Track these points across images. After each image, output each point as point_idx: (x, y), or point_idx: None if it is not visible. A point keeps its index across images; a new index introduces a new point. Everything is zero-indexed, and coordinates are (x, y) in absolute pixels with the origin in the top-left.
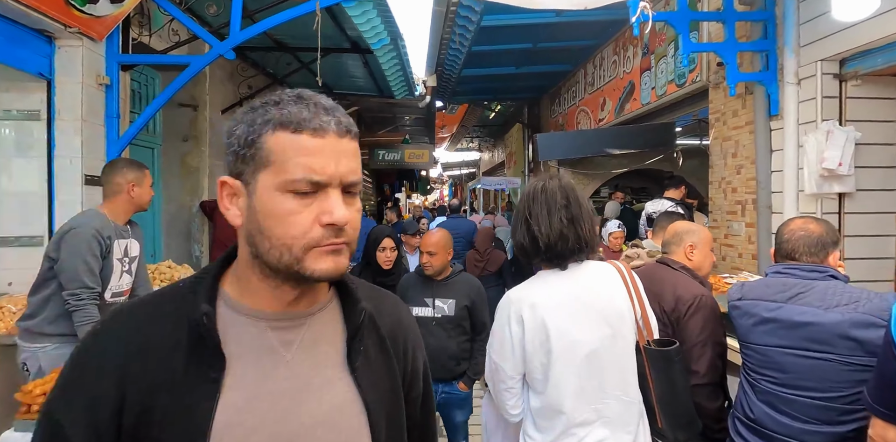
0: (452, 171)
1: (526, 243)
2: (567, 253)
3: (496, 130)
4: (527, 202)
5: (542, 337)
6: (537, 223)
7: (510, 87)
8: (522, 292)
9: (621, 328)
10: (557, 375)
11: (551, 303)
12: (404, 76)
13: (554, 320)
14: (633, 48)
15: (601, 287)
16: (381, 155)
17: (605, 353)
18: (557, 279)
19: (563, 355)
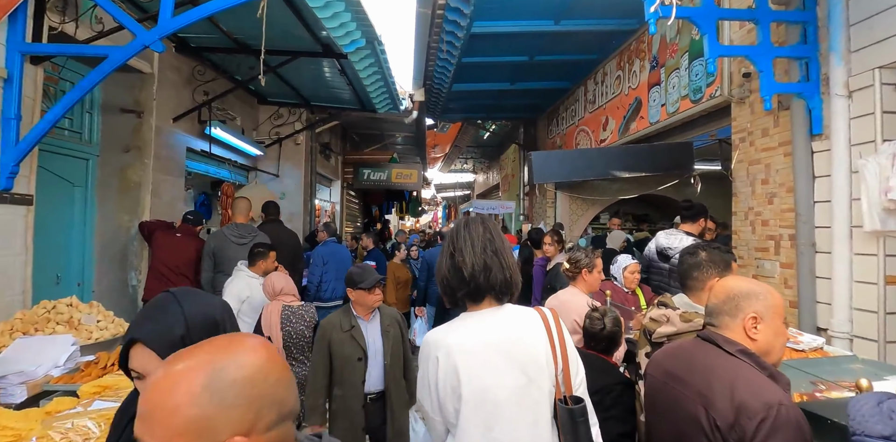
0: (447, 193)
1: (450, 276)
2: (490, 285)
3: (491, 151)
4: (451, 237)
5: (454, 382)
6: (461, 254)
7: (505, 105)
8: (439, 334)
9: (538, 378)
10: (466, 422)
11: (465, 347)
12: (386, 87)
13: (466, 365)
14: (639, 61)
15: (520, 333)
16: (365, 174)
17: (518, 402)
18: (475, 322)
19: (473, 401)
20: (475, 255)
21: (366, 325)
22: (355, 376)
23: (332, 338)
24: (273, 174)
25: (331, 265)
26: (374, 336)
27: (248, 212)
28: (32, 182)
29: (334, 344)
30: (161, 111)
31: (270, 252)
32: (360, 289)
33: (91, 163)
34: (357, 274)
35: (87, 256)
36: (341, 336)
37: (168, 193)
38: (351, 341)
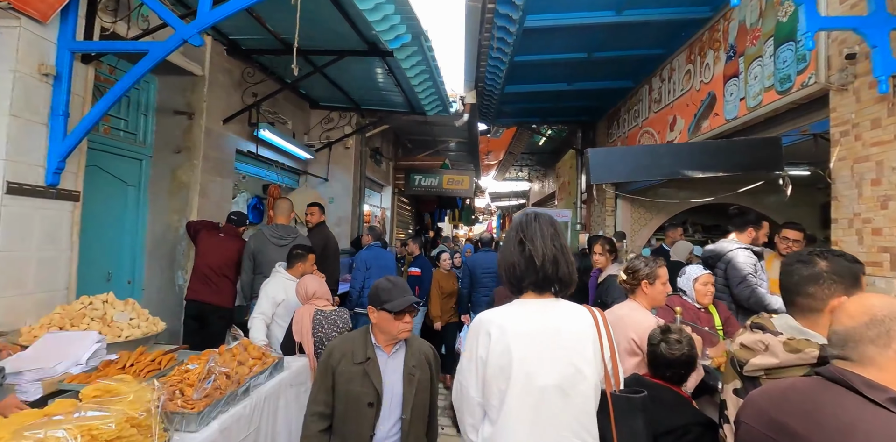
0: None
1: (520, 264)
2: (557, 278)
3: (546, 158)
4: (520, 228)
5: (504, 361)
6: (533, 245)
7: (561, 109)
8: (494, 314)
9: (585, 369)
10: (512, 404)
11: (520, 329)
12: (434, 87)
13: (519, 347)
14: (713, 53)
15: (571, 326)
16: (416, 180)
17: (566, 390)
18: (532, 309)
19: (521, 384)
20: (546, 246)
21: (385, 359)
22: (362, 426)
23: (339, 369)
24: (322, 178)
25: (374, 270)
26: (394, 377)
27: (289, 213)
28: (80, 179)
29: (340, 378)
30: (211, 113)
31: (309, 255)
32: (384, 310)
33: (145, 163)
34: (384, 290)
35: (137, 255)
36: (351, 370)
37: (216, 194)
38: (363, 379)
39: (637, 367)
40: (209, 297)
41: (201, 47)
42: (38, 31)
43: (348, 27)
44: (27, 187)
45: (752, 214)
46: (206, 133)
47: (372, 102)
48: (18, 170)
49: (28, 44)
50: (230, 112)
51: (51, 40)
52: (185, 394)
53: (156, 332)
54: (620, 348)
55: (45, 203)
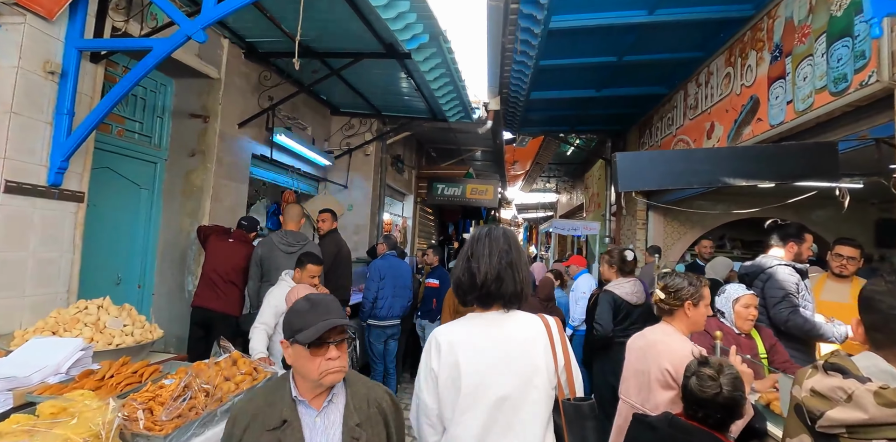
0: (528, 214)
1: (464, 279)
2: (500, 294)
3: (574, 169)
4: (471, 243)
5: (454, 374)
6: (477, 262)
7: (590, 117)
8: (444, 329)
9: (535, 379)
10: (462, 414)
11: (469, 343)
12: (456, 92)
13: (467, 361)
14: (756, 53)
15: (521, 336)
16: (439, 189)
17: (517, 401)
18: (482, 323)
19: (472, 396)
20: (490, 264)
21: (312, 419)
22: None
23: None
24: (341, 185)
25: (388, 281)
26: None
27: (299, 218)
28: (85, 180)
29: None
30: (227, 116)
31: (308, 264)
32: (297, 343)
33: (159, 166)
34: (297, 313)
35: (148, 259)
36: (261, 441)
37: (229, 199)
38: None
39: (673, 402)
40: (215, 304)
41: (218, 50)
42: (44, 28)
43: (363, 27)
44: (27, 187)
45: (792, 227)
46: (220, 137)
47: (393, 109)
48: (18, 168)
49: (33, 41)
50: (246, 116)
51: (57, 38)
52: (154, 413)
53: (151, 340)
54: (651, 378)
55: (47, 203)
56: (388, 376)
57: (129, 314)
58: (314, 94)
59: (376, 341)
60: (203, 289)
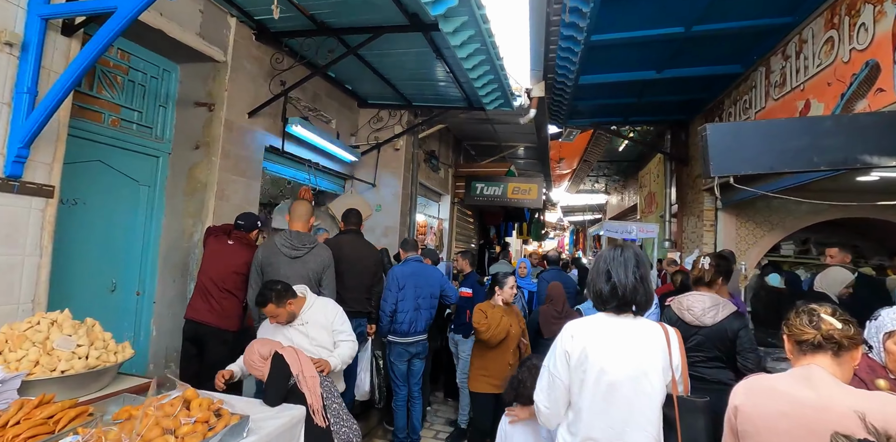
0: (574, 217)
1: (605, 291)
2: (635, 302)
3: (627, 167)
4: (607, 260)
5: (583, 356)
6: (618, 276)
7: (647, 106)
8: (578, 322)
9: (650, 373)
10: (588, 392)
11: (597, 334)
12: (493, 72)
13: (594, 348)
14: (874, 7)
15: (643, 337)
16: (478, 188)
17: (633, 388)
18: (611, 322)
19: (595, 376)
20: (627, 279)
21: None
22: None
23: None
24: (369, 183)
25: (409, 290)
26: None
27: (308, 217)
28: (56, 172)
29: None
30: (235, 105)
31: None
32: None
33: (162, 161)
34: None
35: (149, 263)
36: None
37: (237, 196)
38: None
39: None
40: (207, 316)
41: (224, 30)
42: None
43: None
44: None
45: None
46: (226, 126)
47: (425, 98)
48: None
49: None
50: (257, 103)
51: (17, 4)
52: None
53: (112, 363)
54: None
55: (2, 198)
56: (413, 400)
57: (90, 331)
58: (338, 84)
59: (398, 361)
60: (195, 298)
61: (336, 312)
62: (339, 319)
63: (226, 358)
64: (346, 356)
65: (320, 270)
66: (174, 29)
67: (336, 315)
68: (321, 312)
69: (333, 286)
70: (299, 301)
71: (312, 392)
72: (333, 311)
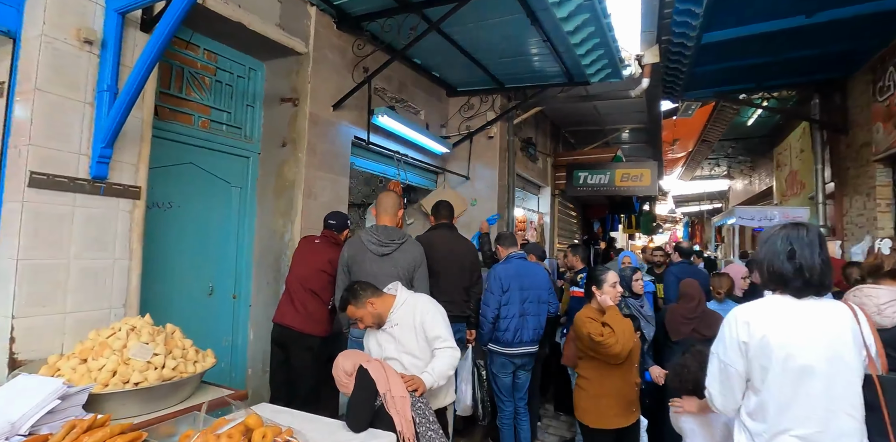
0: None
1: (787, 272)
2: (820, 284)
3: (757, 144)
4: (789, 238)
5: (764, 343)
6: (803, 256)
7: (788, 64)
8: (750, 308)
9: (844, 354)
10: (774, 380)
11: (778, 318)
12: (599, 33)
13: (777, 333)
14: None
15: (829, 317)
16: (581, 177)
17: (826, 371)
18: (787, 302)
19: (782, 364)
20: (814, 259)
21: None
22: None
23: None
24: (462, 176)
25: (513, 294)
26: None
27: (396, 210)
28: (142, 173)
29: None
30: (319, 97)
31: (360, 294)
32: None
33: (252, 161)
34: None
35: (243, 265)
36: None
37: (325, 194)
38: None
39: None
40: (292, 320)
41: (304, 20)
42: None
43: None
44: (61, 179)
45: None
46: (311, 121)
47: (519, 78)
48: (49, 157)
49: (62, 3)
50: (340, 95)
51: (95, 1)
52: None
53: (189, 374)
54: None
55: (88, 200)
56: (519, 417)
57: (169, 338)
58: (425, 72)
59: (501, 373)
60: (282, 301)
61: (426, 311)
62: (431, 319)
63: (310, 366)
64: (442, 370)
65: (411, 268)
66: (254, 21)
67: (426, 314)
68: (410, 310)
69: (426, 287)
70: (385, 300)
71: (402, 416)
72: (424, 309)
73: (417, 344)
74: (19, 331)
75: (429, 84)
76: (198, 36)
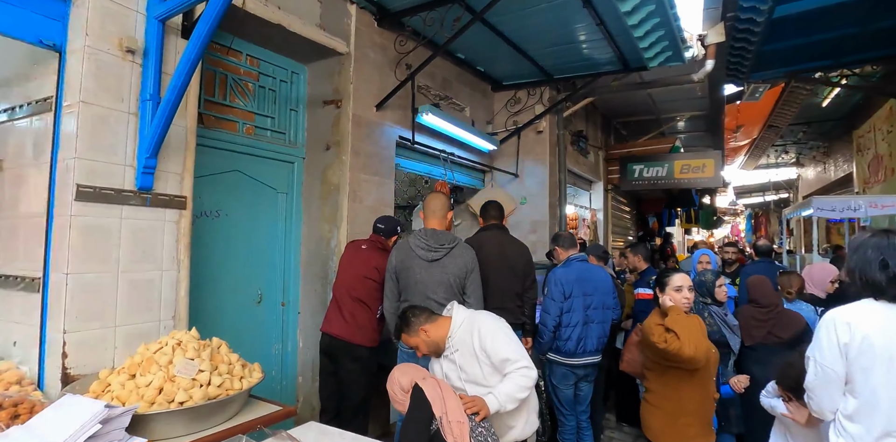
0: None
1: (883, 282)
2: None
3: (831, 128)
4: (879, 247)
5: (866, 345)
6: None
7: (875, 36)
8: (847, 309)
9: None
10: (877, 381)
11: (878, 322)
12: (659, 11)
13: (879, 335)
14: None
15: None
16: (636, 171)
17: None
18: (887, 306)
19: (886, 365)
20: None
21: None
22: None
23: None
24: (511, 173)
25: (576, 300)
26: None
27: (445, 211)
28: (188, 182)
29: None
30: (361, 98)
31: (412, 320)
32: None
33: (297, 166)
34: None
35: (291, 272)
36: None
37: (371, 197)
38: None
39: None
40: (339, 330)
41: (344, 19)
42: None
43: None
44: (108, 192)
45: None
46: (354, 122)
47: (568, 68)
48: (95, 170)
49: (104, 13)
50: (383, 94)
51: (136, 9)
52: None
53: (236, 391)
54: None
55: (136, 212)
56: (582, 431)
57: (215, 353)
58: (469, 66)
59: (562, 384)
60: (330, 309)
61: (486, 333)
62: (492, 340)
63: (359, 377)
64: (511, 391)
65: (463, 274)
66: (294, 22)
67: (486, 337)
68: (468, 333)
69: (480, 294)
70: (440, 325)
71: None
72: (483, 330)
73: (482, 371)
74: (71, 346)
75: (473, 79)
76: (239, 41)
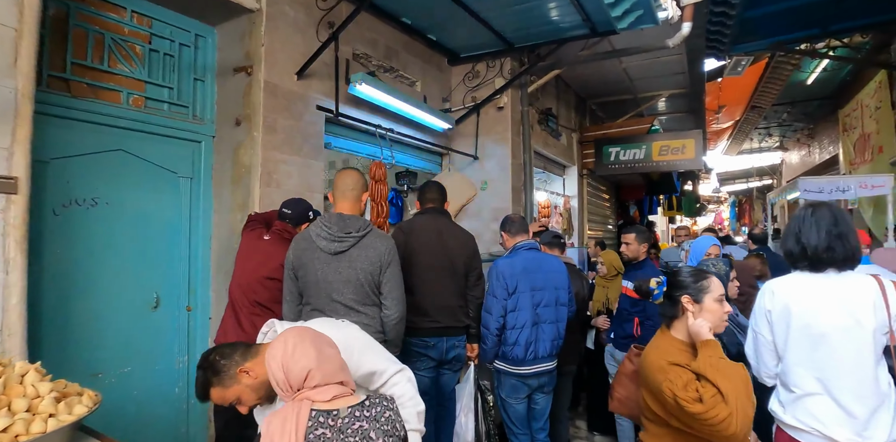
0: (734, 186)
1: (795, 252)
2: (832, 260)
3: (817, 108)
4: (798, 220)
5: (785, 312)
6: (807, 238)
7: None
8: (778, 280)
9: (863, 321)
10: (793, 344)
11: (798, 290)
12: None
13: (797, 302)
14: None
15: (852, 287)
16: (612, 153)
17: (841, 337)
18: (807, 276)
19: (800, 330)
20: (820, 238)
21: None
22: None
23: None
24: (470, 155)
25: (523, 296)
26: None
27: (358, 193)
28: (20, 158)
29: None
30: (277, 64)
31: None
32: None
33: (205, 145)
34: None
35: (198, 271)
36: None
37: (292, 181)
38: None
39: None
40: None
41: None
42: None
43: None
44: None
45: None
46: (268, 91)
47: (530, 34)
48: None
49: None
50: (305, 59)
51: None
52: None
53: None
54: None
55: None
56: None
57: (12, 384)
58: (419, 35)
59: (512, 398)
60: (225, 316)
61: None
62: (347, 354)
63: None
64: (413, 419)
65: (375, 270)
66: None
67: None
68: None
69: (400, 294)
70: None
71: None
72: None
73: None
74: None
75: (425, 50)
76: None
